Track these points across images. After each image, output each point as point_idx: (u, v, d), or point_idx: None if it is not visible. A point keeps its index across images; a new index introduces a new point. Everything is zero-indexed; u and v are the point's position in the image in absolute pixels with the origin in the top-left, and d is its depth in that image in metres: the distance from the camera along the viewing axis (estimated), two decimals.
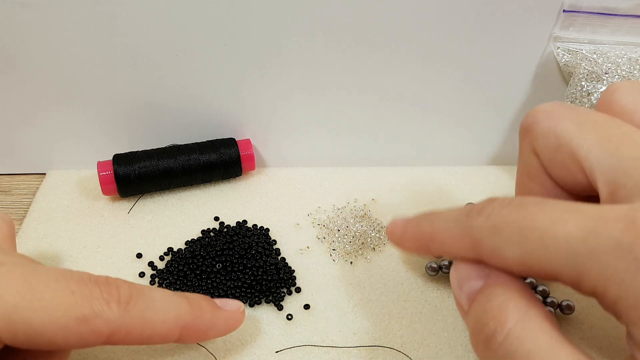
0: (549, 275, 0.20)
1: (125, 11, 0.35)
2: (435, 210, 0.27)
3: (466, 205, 0.40)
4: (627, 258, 0.18)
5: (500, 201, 0.22)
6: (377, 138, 0.44)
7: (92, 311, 0.22)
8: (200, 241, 0.37)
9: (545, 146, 0.24)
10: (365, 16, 0.36)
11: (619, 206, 0.19)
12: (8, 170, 0.44)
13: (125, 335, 0.23)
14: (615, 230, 0.18)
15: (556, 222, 0.20)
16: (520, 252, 0.21)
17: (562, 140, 0.23)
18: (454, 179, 0.44)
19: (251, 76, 0.39)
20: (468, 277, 0.23)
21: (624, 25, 0.37)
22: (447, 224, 0.25)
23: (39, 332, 0.21)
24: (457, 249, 0.24)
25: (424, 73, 0.40)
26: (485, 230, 0.22)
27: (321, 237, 0.38)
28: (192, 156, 0.40)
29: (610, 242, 0.18)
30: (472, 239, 0.23)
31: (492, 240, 0.22)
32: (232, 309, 0.29)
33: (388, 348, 0.31)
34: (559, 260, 0.20)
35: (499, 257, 0.22)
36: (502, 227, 0.21)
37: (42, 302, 0.21)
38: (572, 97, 0.38)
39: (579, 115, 0.23)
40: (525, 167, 0.26)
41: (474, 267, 0.23)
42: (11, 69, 0.38)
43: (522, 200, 0.22)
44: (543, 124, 0.24)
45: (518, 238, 0.21)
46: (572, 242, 0.19)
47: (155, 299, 0.25)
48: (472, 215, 0.23)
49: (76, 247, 0.37)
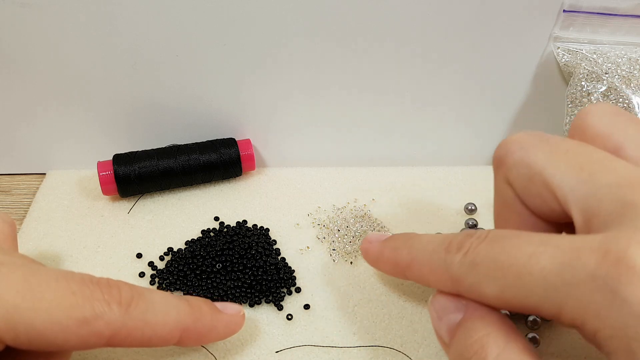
0: (528, 310, 0.21)
1: (125, 11, 0.35)
2: (412, 236, 0.27)
3: (466, 205, 0.40)
4: (602, 290, 0.18)
5: (478, 236, 0.23)
6: (377, 138, 0.44)
7: (93, 312, 0.22)
8: (200, 241, 0.37)
9: (518, 177, 0.24)
10: (365, 16, 0.36)
11: (592, 237, 0.19)
12: (8, 170, 0.44)
13: (126, 337, 0.23)
14: (590, 263, 0.18)
15: (531, 256, 0.20)
16: (498, 289, 0.21)
17: (535, 171, 0.23)
18: (454, 179, 0.44)
19: (251, 76, 0.39)
20: (447, 310, 0.24)
21: (624, 25, 0.37)
22: (426, 256, 0.25)
23: (40, 333, 0.21)
24: (436, 282, 0.24)
25: (424, 73, 0.40)
26: (464, 267, 0.22)
27: (321, 237, 0.38)
28: (192, 156, 0.40)
29: (585, 275, 0.18)
30: (451, 275, 0.23)
31: (470, 277, 0.22)
32: (232, 313, 0.29)
33: (388, 348, 0.31)
34: (537, 295, 0.20)
35: (478, 293, 0.22)
36: (480, 263, 0.22)
37: (43, 303, 0.21)
38: (572, 97, 0.38)
39: (550, 145, 0.23)
40: (500, 197, 0.26)
41: (452, 299, 0.24)
42: (11, 69, 0.38)
43: (497, 234, 0.22)
44: (515, 154, 0.24)
45: (495, 275, 0.21)
46: (548, 276, 0.19)
47: (156, 301, 0.25)
48: (451, 251, 0.23)
49: (76, 247, 0.37)
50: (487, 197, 0.42)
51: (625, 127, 0.24)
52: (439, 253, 0.24)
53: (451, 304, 0.24)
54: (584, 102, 0.37)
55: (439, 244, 0.24)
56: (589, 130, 0.24)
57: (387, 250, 0.29)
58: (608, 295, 0.18)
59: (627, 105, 0.36)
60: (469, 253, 0.22)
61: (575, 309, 0.19)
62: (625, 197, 0.20)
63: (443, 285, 0.24)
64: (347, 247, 0.37)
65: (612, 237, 0.19)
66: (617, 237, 0.18)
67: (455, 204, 0.41)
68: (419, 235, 0.27)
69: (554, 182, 0.22)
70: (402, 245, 0.27)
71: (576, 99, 0.38)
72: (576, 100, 0.38)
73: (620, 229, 0.19)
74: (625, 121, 0.24)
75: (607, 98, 0.37)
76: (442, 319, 0.24)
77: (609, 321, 0.18)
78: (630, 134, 0.23)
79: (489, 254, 0.22)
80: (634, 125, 0.24)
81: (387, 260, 0.29)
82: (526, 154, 0.24)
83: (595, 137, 0.24)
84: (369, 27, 0.37)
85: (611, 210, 0.20)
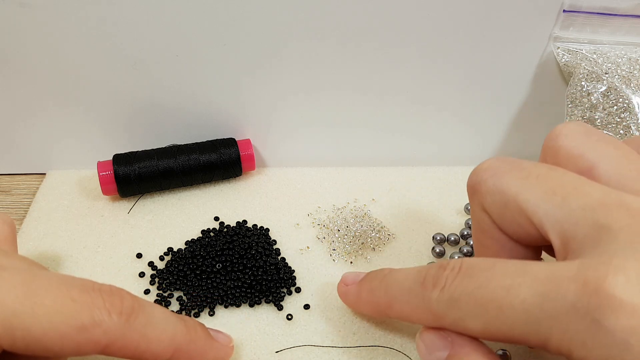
0: (515, 341, 0.21)
1: (125, 11, 0.35)
2: (387, 274, 0.27)
3: (466, 205, 0.40)
4: (585, 320, 0.18)
5: (451, 268, 0.23)
6: (377, 138, 0.44)
7: (92, 320, 0.22)
8: (200, 241, 0.37)
9: (492, 203, 0.24)
10: (366, 17, 0.36)
11: (569, 264, 0.19)
12: (8, 170, 0.44)
13: (121, 348, 0.23)
14: (569, 293, 0.18)
15: (510, 289, 0.20)
16: (482, 324, 0.21)
17: (508, 197, 0.23)
18: (454, 179, 0.44)
19: (251, 76, 0.39)
20: (434, 347, 0.24)
21: (624, 25, 0.37)
22: (404, 295, 0.25)
23: (38, 339, 0.21)
24: (419, 319, 0.25)
25: (424, 73, 0.40)
26: (442, 304, 0.23)
27: (321, 237, 0.38)
28: (192, 156, 0.40)
29: (567, 306, 0.18)
30: (431, 313, 0.23)
31: (452, 314, 0.22)
32: (223, 343, 0.28)
33: (388, 348, 0.31)
34: (521, 328, 0.20)
35: (463, 328, 0.22)
36: (459, 299, 0.22)
37: (42, 309, 0.21)
38: (572, 97, 0.38)
39: (521, 170, 0.24)
40: (477, 224, 0.26)
41: (439, 335, 0.24)
42: (11, 69, 0.38)
43: (470, 265, 0.22)
44: (488, 182, 0.24)
45: (477, 310, 0.21)
46: (530, 308, 0.19)
47: (156, 316, 0.24)
48: (427, 287, 0.23)
49: (76, 247, 0.37)
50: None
51: (596, 146, 0.24)
52: (416, 290, 0.24)
53: (438, 341, 0.24)
54: (584, 102, 0.37)
55: (414, 280, 0.24)
56: (560, 152, 0.25)
57: (364, 293, 0.29)
58: (591, 325, 0.18)
59: (627, 105, 0.36)
60: (446, 289, 0.22)
61: (560, 339, 0.19)
62: (599, 220, 0.20)
63: (426, 322, 0.24)
64: (347, 247, 0.37)
65: (589, 264, 0.19)
66: (593, 264, 0.19)
67: (455, 204, 0.41)
68: (393, 272, 0.27)
69: (528, 208, 0.22)
70: (379, 286, 0.27)
71: (576, 99, 0.38)
72: (576, 100, 0.38)
73: (596, 255, 0.19)
74: (597, 140, 0.24)
75: (607, 98, 0.37)
76: (431, 354, 0.24)
77: (595, 351, 0.18)
78: (602, 153, 0.24)
79: (466, 289, 0.22)
80: (605, 144, 0.24)
81: (366, 303, 0.29)
82: (499, 181, 0.24)
83: (567, 158, 0.24)
84: (369, 27, 0.37)
85: (586, 233, 0.20)
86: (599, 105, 0.37)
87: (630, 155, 0.23)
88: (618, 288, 0.17)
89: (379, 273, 0.28)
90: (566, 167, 0.24)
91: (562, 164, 0.24)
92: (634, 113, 0.36)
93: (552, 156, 0.25)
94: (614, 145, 0.24)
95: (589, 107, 0.37)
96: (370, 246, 0.38)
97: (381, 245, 0.38)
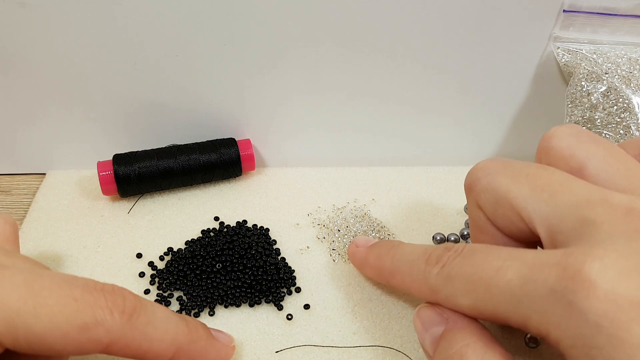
0: (499, 320, 0.22)
1: (125, 11, 0.35)
2: (396, 244, 0.29)
3: (465, 205, 0.40)
4: (561, 303, 0.19)
5: (455, 249, 0.24)
6: (377, 138, 0.44)
7: (94, 319, 0.22)
8: (200, 241, 0.37)
9: (486, 201, 0.26)
10: (365, 16, 0.36)
11: (554, 252, 0.21)
12: (8, 170, 0.44)
13: (123, 347, 0.23)
14: (550, 277, 0.20)
15: (499, 270, 0.22)
16: (471, 300, 0.23)
17: (500, 194, 0.25)
18: (454, 179, 0.44)
19: (251, 76, 0.39)
20: (431, 322, 0.25)
21: (624, 25, 0.37)
22: (407, 266, 0.27)
23: (40, 338, 0.21)
24: (417, 291, 0.26)
25: (424, 73, 0.40)
26: (440, 279, 0.24)
27: (321, 237, 0.38)
28: (192, 156, 0.40)
29: (546, 289, 0.20)
30: (429, 286, 0.25)
31: (446, 289, 0.24)
32: (224, 342, 0.29)
33: (388, 348, 0.31)
34: (504, 307, 0.21)
35: (454, 304, 0.24)
36: (454, 276, 0.24)
37: (45, 308, 0.21)
38: (572, 97, 0.38)
39: (512, 170, 0.25)
40: (474, 221, 0.28)
41: (435, 312, 0.25)
42: (11, 69, 0.38)
43: (472, 248, 0.24)
44: (482, 181, 0.26)
45: (468, 287, 0.23)
46: (514, 289, 0.21)
47: (158, 315, 0.25)
48: (430, 263, 0.25)
49: (76, 247, 0.37)
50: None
51: (586, 147, 0.25)
52: (419, 264, 0.26)
53: (435, 317, 0.25)
54: (584, 102, 0.37)
55: (419, 255, 0.26)
56: (552, 152, 0.26)
57: (371, 257, 0.31)
58: (567, 307, 0.19)
59: (627, 105, 0.36)
60: (446, 266, 0.24)
61: (539, 321, 0.20)
62: (584, 215, 0.21)
63: (423, 295, 0.26)
64: (347, 247, 0.37)
65: (571, 252, 0.20)
66: (575, 253, 0.20)
67: (455, 204, 0.41)
68: (402, 245, 0.29)
69: (518, 204, 0.24)
70: (386, 254, 0.29)
71: (576, 99, 0.38)
72: (576, 100, 0.38)
73: (578, 245, 0.21)
74: (586, 141, 0.26)
75: (607, 98, 0.37)
76: (427, 331, 0.25)
77: (569, 331, 0.19)
78: (591, 153, 0.25)
79: (462, 268, 0.23)
80: (595, 145, 0.25)
81: (372, 266, 0.31)
82: (492, 179, 0.26)
83: (559, 158, 0.26)
84: (369, 27, 0.37)
85: (572, 227, 0.21)
86: (599, 105, 0.37)
87: (618, 155, 0.25)
88: (594, 273, 0.19)
89: (388, 243, 0.30)
90: (558, 166, 0.25)
91: (554, 164, 0.26)
92: (634, 113, 0.36)
93: (545, 156, 0.27)
94: (604, 146, 0.25)
95: (589, 107, 0.37)
96: None
97: None
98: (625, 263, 0.19)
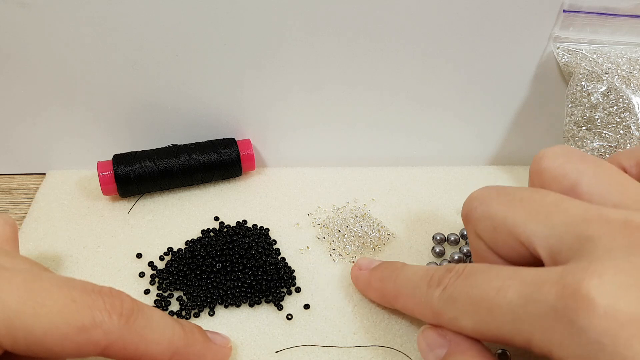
0: (502, 341, 0.22)
1: (125, 11, 0.35)
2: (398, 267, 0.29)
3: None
4: (563, 321, 0.19)
5: (456, 270, 0.24)
6: (377, 138, 0.44)
7: (92, 321, 0.22)
8: (200, 241, 0.37)
9: (484, 229, 0.26)
10: (365, 17, 0.36)
11: (553, 269, 0.21)
12: (8, 170, 0.44)
13: (120, 350, 0.23)
14: (550, 295, 0.20)
15: (499, 290, 0.22)
16: (473, 322, 0.23)
17: (497, 221, 0.25)
18: (454, 179, 0.44)
19: (251, 76, 0.39)
20: (434, 344, 0.25)
21: (624, 25, 0.37)
22: (410, 289, 0.27)
23: (39, 339, 0.21)
24: (420, 314, 0.26)
25: (424, 73, 0.40)
26: (442, 301, 0.24)
27: (321, 237, 0.38)
28: (192, 156, 0.40)
29: (547, 307, 0.20)
30: (432, 309, 0.25)
31: (449, 311, 0.24)
32: (221, 344, 0.29)
33: (388, 348, 0.31)
34: (507, 327, 0.21)
35: (457, 326, 0.24)
36: (457, 298, 0.24)
37: (44, 309, 0.21)
38: (572, 97, 0.38)
39: (506, 196, 0.25)
40: (474, 250, 0.28)
41: (439, 334, 0.25)
42: (11, 69, 0.38)
43: (472, 268, 0.24)
44: (477, 210, 0.26)
45: (470, 309, 0.23)
46: (515, 309, 0.21)
47: (155, 319, 0.25)
48: (432, 285, 0.25)
49: (76, 247, 0.37)
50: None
51: (577, 166, 0.25)
52: (422, 287, 0.26)
53: (438, 339, 0.25)
54: (584, 102, 0.37)
55: (421, 278, 0.26)
56: (544, 174, 0.26)
57: (374, 280, 0.31)
58: (568, 326, 0.19)
59: (627, 105, 0.36)
60: (447, 288, 0.24)
61: (541, 340, 0.20)
62: (581, 232, 0.21)
63: (426, 318, 0.26)
64: (347, 247, 0.37)
65: (570, 269, 0.20)
66: (574, 270, 0.20)
67: (455, 204, 0.41)
68: (405, 267, 0.29)
69: (516, 229, 0.24)
70: (389, 277, 0.29)
71: (576, 99, 0.38)
72: (576, 100, 0.38)
73: (577, 262, 0.20)
74: (577, 160, 0.26)
75: (607, 98, 0.37)
76: (432, 351, 0.25)
77: (571, 350, 0.19)
78: (583, 172, 0.25)
79: (463, 289, 0.23)
80: (585, 163, 0.25)
81: (375, 290, 0.31)
82: (487, 207, 0.26)
83: (551, 179, 0.26)
84: (368, 27, 0.37)
85: (570, 245, 0.21)
86: (599, 105, 0.37)
87: (609, 172, 0.25)
88: (592, 290, 0.18)
89: (391, 265, 0.30)
90: (551, 187, 0.26)
91: (547, 185, 0.26)
92: (634, 113, 0.36)
93: (538, 178, 0.27)
94: (594, 164, 0.25)
95: (589, 107, 0.37)
96: (370, 246, 0.38)
97: (381, 245, 0.38)
98: (624, 278, 0.19)
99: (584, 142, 0.37)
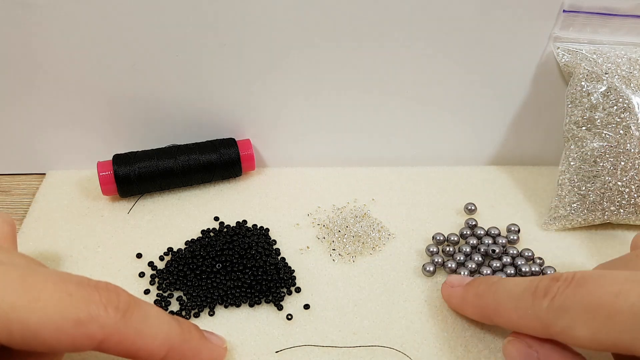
0: (623, 349, 0.21)
1: (125, 11, 0.35)
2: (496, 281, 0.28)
3: (466, 205, 0.40)
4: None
5: (564, 279, 0.23)
6: (377, 138, 0.44)
7: (88, 315, 0.22)
8: (200, 241, 0.37)
9: None
10: (366, 18, 0.36)
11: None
12: (8, 170, 0.44)
13: (116, 344, 0.23)
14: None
15: (618, 295, 0.20)
16: (590, 331, 0.21)
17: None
18: (454, 179, 0.44)
19: (251, 76, 0.39)
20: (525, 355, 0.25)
21: (624, 25, 0.37)
22: (512, 302, 0.26)
23: (35, 333, 0.21)
24: (526, 327, 0.25)
25: (424, 74, 0.40)
26: (552, 312, 0.23)
27: (321, 237, 0.38)
28: (192, 156, 0.40)
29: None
30: (540, 321, 0.24)
31: (561, 322, 0.23)
32: (216, 343, 0.29)
33: (388, 348, 0.31)
34: (630, 334, 0.20)
35: (571, 337, 0.23)
36: (569, 307, 0.22)
37: (39, 303, 0.21)
38: (572, 97, 0.38)
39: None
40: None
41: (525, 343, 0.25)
42: (11, 69, 0.38)
43: (584, 275, 0.23)
44: None
45: (586, 317, 0.22)
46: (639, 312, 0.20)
47: (151, 314, 0.25)
48: (538, 296, 0.24)
49: (76, 247, 0.37)
50: (487, 197, 0.42)
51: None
52: (526, 298, 0.25)
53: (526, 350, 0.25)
54: (584, 102, 0.37)
55: (524, 289, 0.25)
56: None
57: (470, 296, 0.30)
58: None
59: (627, 105, 0.36)
60: (557, 298, 0.23)
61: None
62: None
63: (533, 330, 0.25)
64: (347, 247, 0.37)
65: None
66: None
67: (455, 204, 0.41)
68: (502, 280, 0.28)
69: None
70: (487, 291, 0.28)
71: (576, 99, 0.38)
72: (576, 100, 0.38)
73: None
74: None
75: (607, 98, 0.37)
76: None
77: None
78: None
79: (576, 297, 0.22)
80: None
81: (473, 306, 0.30)
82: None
83: None
84: (369, 28, 0.37)
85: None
86: (599, 105, 0.37)
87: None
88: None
89: (486, 279, 0.29)
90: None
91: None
92: (634, 113, 0.36)
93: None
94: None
95: (589, 107, 0.37)
96: (370, 246, 0.38)
97: (381, 245, 0.38)
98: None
99: (583, 142, 0.37)
